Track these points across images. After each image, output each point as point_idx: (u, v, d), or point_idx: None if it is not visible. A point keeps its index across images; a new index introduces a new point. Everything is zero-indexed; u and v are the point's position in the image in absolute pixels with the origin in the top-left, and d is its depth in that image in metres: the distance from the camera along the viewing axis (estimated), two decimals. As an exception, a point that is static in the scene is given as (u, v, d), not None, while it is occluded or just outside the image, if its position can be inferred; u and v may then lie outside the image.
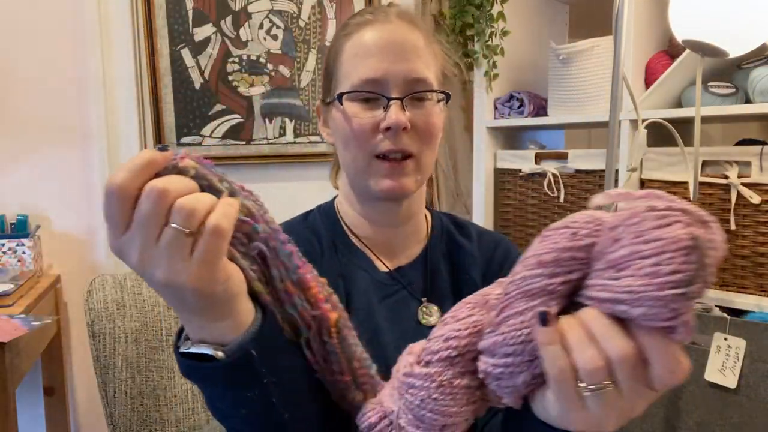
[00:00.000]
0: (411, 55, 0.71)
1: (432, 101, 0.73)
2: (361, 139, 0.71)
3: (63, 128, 1.79)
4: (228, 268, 0.43)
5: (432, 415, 0.46)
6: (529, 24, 1.93)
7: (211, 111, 1.89)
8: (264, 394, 0.48)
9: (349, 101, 0.72)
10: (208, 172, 0.44)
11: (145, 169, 0.40)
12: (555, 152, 1.69)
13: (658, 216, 0.37)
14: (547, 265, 0.41)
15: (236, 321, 0.46)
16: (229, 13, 1.87)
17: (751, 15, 1.09)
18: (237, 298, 0.45)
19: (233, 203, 0.43)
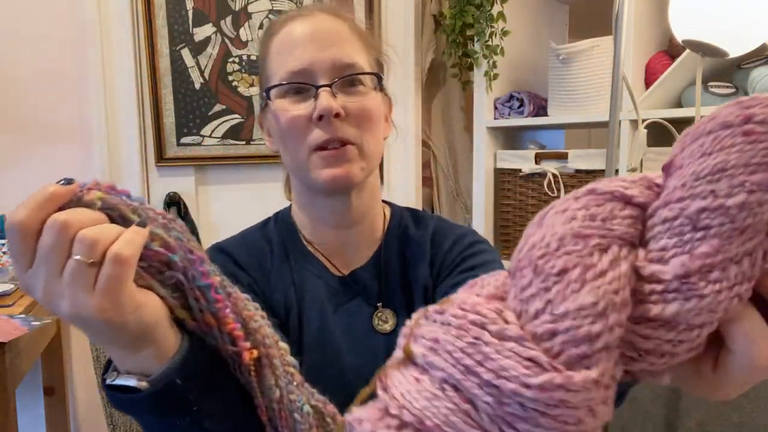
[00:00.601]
0: (337, 41, 0.69)
1: (366, 87, 0.70)
2: (296, 133, 0.68)
3: (63, 128, 1.79)
4: (139, 297, 0.42)
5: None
6: (529, 24, 1.93)
7: (211, 111, 1.89)
8: (195, 421, 0.47)
9: (278, 98, 0.69)
10: (119, 202, 0.43)
11: (47, 203, 0.40)
12: (555, 152, 1.69)
13: None
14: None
15: (158, 350, 0.44)
16: (229, 13, 1.87)
17: (751, 15, 1.09)
18: (154, 327, 0.43)
19: (140, 232, 0.42)
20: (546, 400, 0.27)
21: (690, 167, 0.29)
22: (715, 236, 0.28)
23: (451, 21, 1.83)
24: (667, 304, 0.28)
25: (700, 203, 0.28)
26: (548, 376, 0.27)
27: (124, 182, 1.83)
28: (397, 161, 2.03)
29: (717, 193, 0.28)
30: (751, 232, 0.28)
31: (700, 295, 0.28)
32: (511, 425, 0.28)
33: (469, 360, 0.29)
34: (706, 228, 0.28)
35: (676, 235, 0.29)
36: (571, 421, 0.28)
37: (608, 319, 0.28)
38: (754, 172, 0.27)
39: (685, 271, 0.28)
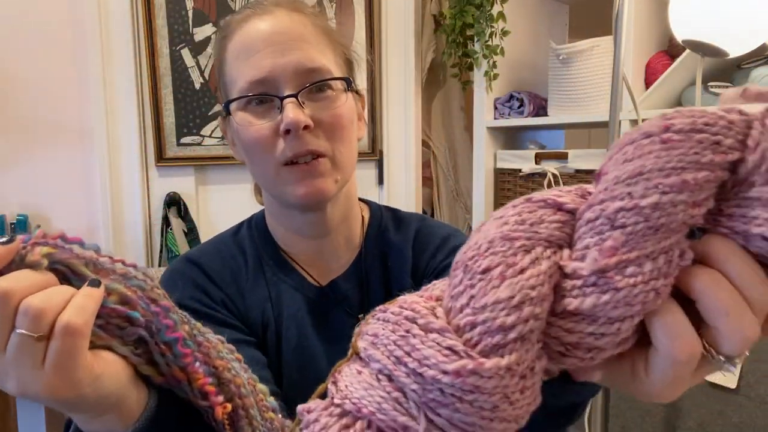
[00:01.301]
0: (299, 43, 0.62)
1: (336, 91, 0.64)
2: (263, 148, 0.62)
3: (63, 128, 1.79)
4: (96, 367, 0.37)
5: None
6: (529, 24, 1.93)
7: (211, 111, 1.89)
8: None
9: (240, 110, 0.63)
10: (69, 256, 0.39)
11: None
12: (555, 152, 1.69)
13: None
14: (685, 188, 0.29)
15: (122, 414, 0.41)
16: (229, 13, 1.87)
17: (751, 15, 1.09)
18: (116, 395, 0.40)
19: (93, 293, 0.37)
20: (461, 385, 0.29)
21: (613, 173, 0.31)
22: (625, 233, 0.30)
23: (451, 21, 1.83)
24: (585, 297, 0.30)
25: (618, 204, 0.30)
26: (462, 363, 0.29)
27: (124, 182, 1.83)
28: (397, 161, 2.04)
29: (633, 194, 0.30)
30: (666, 231, 0.30)
31: (615, 288, 0.29)
32: (434, 411, 0.30)
33: (400, 351, 0.31)
34: (622, 226, 0.30)
35: (597, 234, 0.31)
36: (487, 407, 0.30)
37: (522, 312, 0.30)
38: (669, 175, 0.29)
39: (601, 266, 0.30)
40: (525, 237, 0.32)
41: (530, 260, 0.31)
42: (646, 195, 0.29)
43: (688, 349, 0.30)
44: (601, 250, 0.30)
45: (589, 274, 0.30)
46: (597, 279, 0.30)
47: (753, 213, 0.30)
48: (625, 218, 0.30)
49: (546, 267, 0.31)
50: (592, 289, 0.30)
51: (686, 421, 1.38)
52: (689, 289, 0.30)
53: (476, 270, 0.31)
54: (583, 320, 0.31)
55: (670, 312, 0.30)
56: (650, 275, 0.30)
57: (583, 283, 0.30)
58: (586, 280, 0.30)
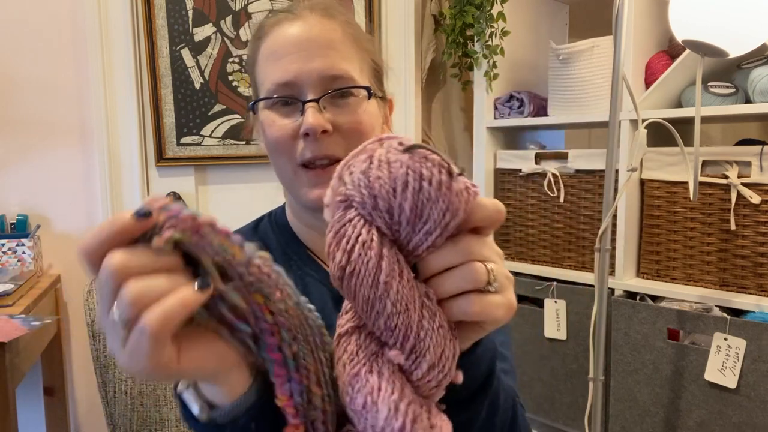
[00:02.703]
0: (325, 50, 0.65)
1: (358, 98, 0.67)
2: (282, 148, 0.66)
3: (63, 128, 1.79)
4: (182, 359, 0.37)
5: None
6: (529, 24, 1.93)
7: (211, 111, 1.89)
8: None
9: (265, 109, 0.67)
10: (200, 249, 0.36)
11: (115, 235, 0.35)
12: (555, 152, 1.69)
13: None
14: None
15: (223, 391, 0.42)
16: (229, 13, 1.87)
17: (751, 15, 1.09)
18: (213, 377, 0.41)
19: (187, 300, 0.35)
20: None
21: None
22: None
23: (451, 21, 1.84)
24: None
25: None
26: None
27: (124, 182, 1.83)
28: (397, 161, 2.03)
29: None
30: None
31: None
32: None
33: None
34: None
35: None
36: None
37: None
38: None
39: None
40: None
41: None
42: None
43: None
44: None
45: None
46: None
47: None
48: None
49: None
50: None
51: (686, 421, 1.38)
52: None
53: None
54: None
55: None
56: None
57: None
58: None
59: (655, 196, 1.50)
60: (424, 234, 0.38)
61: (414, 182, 0.37)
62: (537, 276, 1.72)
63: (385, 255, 0.38)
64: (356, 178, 0.39)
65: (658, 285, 1.48)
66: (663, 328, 1.41)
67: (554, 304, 1.64)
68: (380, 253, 0.38)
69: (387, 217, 0.38)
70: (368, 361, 0.39)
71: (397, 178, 0.38)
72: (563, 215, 1.69)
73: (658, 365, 1.42)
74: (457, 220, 0.39)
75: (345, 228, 0.39)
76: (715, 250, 1.40)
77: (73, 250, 1.81)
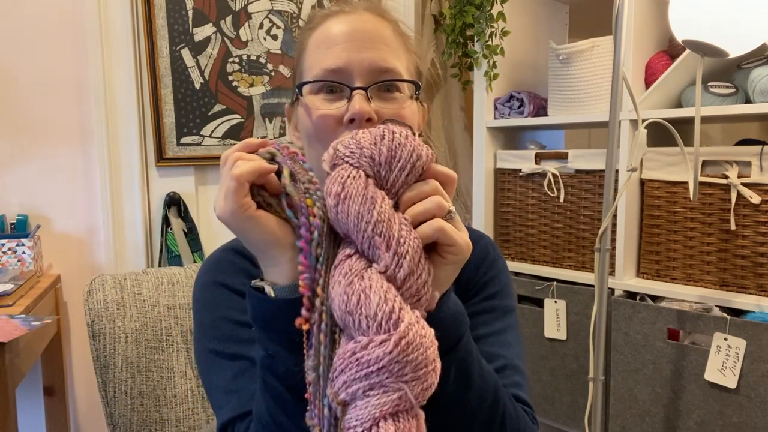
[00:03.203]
0: (378, 44, 0.67)
1: (402, 94, 0.68)
2: (324, 132, 0.66)
3: (63, 128, 1.79)
4: (253, 211, 0.51)
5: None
6: (529, 24, 1.93)
7: (211, 111, 1.89)
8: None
9: (311, 94, 0.67)
10: (286, 161, 0.55)
11: (241, 147, 0.54)
12: (555, 152, 1.69)
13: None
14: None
15: (283, 269, 0.53)
16: (229, 13, 1.87)
17: (751, 15, 1.09)
18: (273, 242, 0.52)
19: (261, 164, 0.52)
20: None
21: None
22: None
23: (451, 21, 1.84)
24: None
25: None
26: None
27: (124, 182, 1.83)
28: (397, 161, 2.03)
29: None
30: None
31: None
32: None
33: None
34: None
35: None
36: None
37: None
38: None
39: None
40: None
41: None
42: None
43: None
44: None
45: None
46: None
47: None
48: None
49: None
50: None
51: (686, 421, 1.38)
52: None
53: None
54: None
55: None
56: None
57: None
58: None
59: (655, 196, 1.50)
60: (399, 170, 0.51)
61: (388, 134, 0.52)
62: (537, 276, 1.72)
63: (370, 183, 0.51)
64: (345, 142, 0.53)
65: (658, 285, 1.48)
66: (663, 328, 1.41)
67: (554, 304, 1.64)
68: (366, 181, 0.51)
69: (370, 162, 0.51)
70: (359, 272, 0.49)
71: (376, 134, 0.52)
72: (563, 215, 1.69)
73: (658, 365, 1.42)
74: (421, 162, 0.52)
75: (339, 173, 0.51)
76: (715, 250, 1.40)
77: (73, 250, 1.82)
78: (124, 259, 1.84)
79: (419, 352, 0.45)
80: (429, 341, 0.46)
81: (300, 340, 0.51)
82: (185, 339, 1.19)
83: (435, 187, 0.52)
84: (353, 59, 0.66)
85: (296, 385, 0.52)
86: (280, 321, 0.52)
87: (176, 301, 1.20)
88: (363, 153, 0.51)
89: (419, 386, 0.46)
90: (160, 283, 1.21)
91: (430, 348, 0.46)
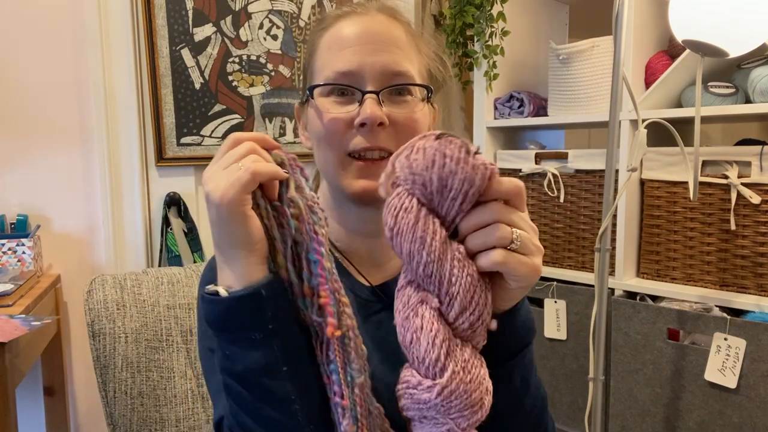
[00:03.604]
0: (390, 47, 0.66)
1: (414, 98, 0.68)
2: (334, 135, 0.66)
3: (63, 128, 1.79)
4: (249, 210, 0.52)
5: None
6: (529, 24, 1.93)
7: (211, 111, 1.89)
8: (268, 337, 0.52)
9: (321, 96, 0.67)
10: (291, 174, 0.56)
11: (261, 142, 0.55)
12: (555, 152, 1.69)
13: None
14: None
15: (250, 265, 0.53)
16: (229, 13, 1.87)
17: (751, 15, 1.09)
18: (253, 243, 0.52)
19: (275, 168, 0.53)
20: None
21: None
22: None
23: (451, 21, 1.84)
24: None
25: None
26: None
27: (124, 182, 1.83)
28: (397, 161, 2.03)
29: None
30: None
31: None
32: None
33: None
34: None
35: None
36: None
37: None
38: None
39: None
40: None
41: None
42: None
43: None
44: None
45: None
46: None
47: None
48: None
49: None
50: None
51: (686, 421, 1.38)
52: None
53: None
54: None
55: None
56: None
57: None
58: None
59: (655, 196, 1.50)
60: (451, 200, 0.49)
61: (439, 159, 0.49)
62: (537, 276, 1.71)
63: (422, 217, 0.49)
64: (402, 163, 0.51)
65: (658, 285, 1.48)
66: (663, 328, 1.41)
67: (554, 304, 1.64)
68: (417, 216, 0.49)
69: (423, 189, 0.50)
70: (415, 307, 0.50)
71: (428, 158, 0.49)
72: (563, 215, 1.69)
73: (658, 365, 1.42)
74: (474, 189, 0.49)
75: (393, 200, 0.51)
76: (715, 250, 1.40)
77: (73, 250, 1.82)
78: (124, 259, 1.84)
79: (462, 398, 0.48)
80: (474, 385, 0.49)
81: (256, 336, 0.52)
82: (185, 339, 1.19)
83: (495, 213, 0.49)
84: (365, 62, 0.65)
85: (254, 384, 0.53)
86: (233, 320, 0.53)
87: (176, 301, 1.20)
88: (415, 180, 0.50)
89: (466, 422, 0.49)
90: (160, 283, 1.21)
91: (476, 391, 0.49)
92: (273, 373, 0.53)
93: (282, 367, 0.53)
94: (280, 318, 0.53)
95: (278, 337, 0.53)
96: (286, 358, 0.53)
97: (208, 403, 1.19)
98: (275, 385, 0.53)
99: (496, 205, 0.50)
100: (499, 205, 0.50)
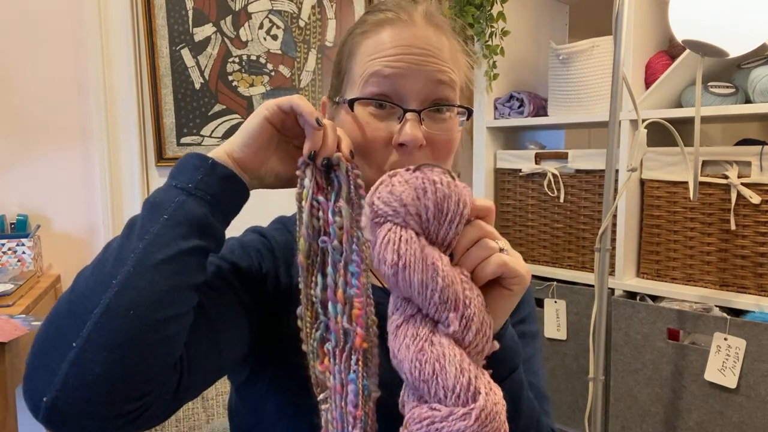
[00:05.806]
0: (433, 61, 0.65)
1: (453, 114, 0.67)
2: (372, 151, 0.64)
3: (63, 128, 1.79)
4: (271, 160, 0.61)
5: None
6: (529, 24, 1.93)
7: (211, 111, 1.89)
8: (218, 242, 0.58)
9: (359, 105, 0.66)
10: (344, 179, 0.58)
11: (333, 132, 0.59)
12: (555, 152, 1.69)
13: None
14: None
15: (235, 149, 0.58)
16: (229, 13, 1.87)
17: (751, 15, 1.09)
18: (249, 140, 0.58)
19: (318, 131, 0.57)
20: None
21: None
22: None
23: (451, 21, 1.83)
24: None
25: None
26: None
27: (124, 182, 1.83)
28: (397, 161, 2.03)
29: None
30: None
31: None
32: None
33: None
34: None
35: None
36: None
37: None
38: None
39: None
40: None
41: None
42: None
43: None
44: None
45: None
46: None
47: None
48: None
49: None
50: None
51: (686, 421, 1.38)
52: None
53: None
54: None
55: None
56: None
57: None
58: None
59: (655, 196, 1.50)
60: (448, 224, 0.49)
61: (430, 186, 0.49)
62: (537, 276, 1.72)
63: (423, 243, 0.49)
64: (385, 198, 0.49)
65: (658, 285, 1.48)
66: (663, 328, 1.41)
67: (554, 304, 1.64)
68: (422, 245, 0.49)
69: (417, 219, 0.49)
70: (428, 338, 0.48)
71: (417, 187, 0.49)
72: (563, 215, 1.69)
73: (658, 365, 1.42)
74: (467, 209, 0.50)
75: (387, 236, 0.49)
76: (715, 250, 1.40)
77: (73, 250, 1.82)
78: (124, 259, 1.84)
79: (497, 420, 0.47)
80: (501, 406, 0.48)
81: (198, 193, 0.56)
82: (185, 339, 1.19)
83: (481, 229, 0.51)
84: (407, 77, 0.64)
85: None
86: (195, 169, 0.56)
87: (176, 301, 1.20)
88: (408, 211, 0.49)
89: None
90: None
91: (503, 412, 0.48)
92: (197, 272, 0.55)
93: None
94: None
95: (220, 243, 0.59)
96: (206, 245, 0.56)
97: (208, 403, 1.19)
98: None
99: (478, 222, 0.52)
100: (480, 221, 0.52)
